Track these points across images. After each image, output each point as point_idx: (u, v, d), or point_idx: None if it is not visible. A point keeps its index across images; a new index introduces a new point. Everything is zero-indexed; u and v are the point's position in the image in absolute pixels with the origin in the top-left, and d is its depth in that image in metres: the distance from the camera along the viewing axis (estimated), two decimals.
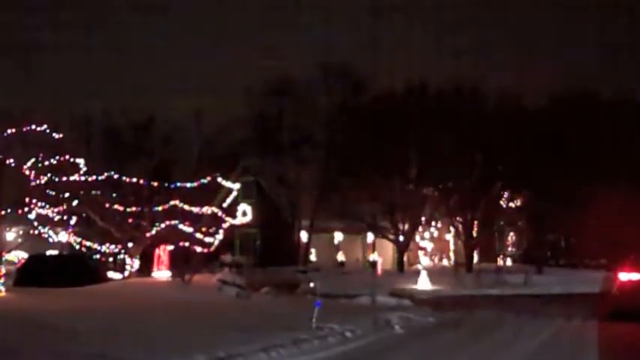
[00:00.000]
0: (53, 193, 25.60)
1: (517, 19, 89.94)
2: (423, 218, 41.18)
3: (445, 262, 45.98)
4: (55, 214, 25.40)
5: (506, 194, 41.75)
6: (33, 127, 23.76)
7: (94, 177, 27.43)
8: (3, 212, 22.87)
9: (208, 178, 30.65)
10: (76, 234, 28.73)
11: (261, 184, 40.79)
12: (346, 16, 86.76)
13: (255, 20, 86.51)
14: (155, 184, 29.63)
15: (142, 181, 28.95)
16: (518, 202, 42.56)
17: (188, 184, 30.17)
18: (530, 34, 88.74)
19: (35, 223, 24.74)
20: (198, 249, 29.19)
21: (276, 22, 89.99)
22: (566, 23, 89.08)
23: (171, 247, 29.41)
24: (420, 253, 43.99)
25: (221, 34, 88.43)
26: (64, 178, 25.87)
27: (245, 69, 74.77)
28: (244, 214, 37.76)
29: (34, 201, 23.95)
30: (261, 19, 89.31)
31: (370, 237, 41.05)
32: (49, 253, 31.62)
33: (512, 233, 46.66)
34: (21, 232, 27.76)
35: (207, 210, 31.07)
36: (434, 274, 30.61)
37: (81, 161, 26.59)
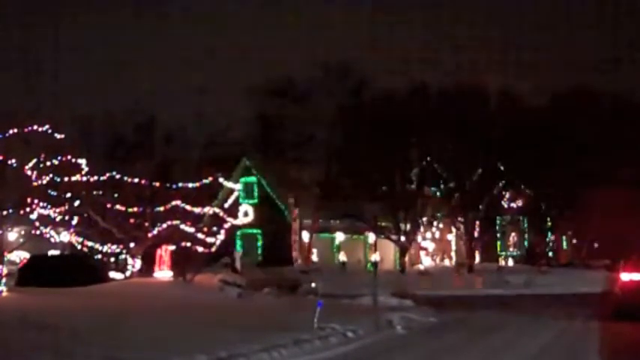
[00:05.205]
0: (55, 194, 25.56)
1: (518, 18, 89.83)
2: (424, 218, 41.16)
3: (447, 262, 45.92)
4: (56, 215, 25.37)
5: (507, 194, 41.76)
6: (35, 127, 23.73)
7: (96, 177, 27.41)
8: (5, 212, 22.85)
9: (210, 178, 30.63)
10: (78, 234, 28.72)
11: (262, 184, 40.78)
12: (347, 15, 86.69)
13: (256, 19, 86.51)
14: (157, 184, 29.62)
15: (143, 181, 28.93)
16: (520, 203, 42.55)
17: (190, 184, 30.16)
18: (532, 34, 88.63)
19: (37, 224, 24.72)
20: (200, 249, 29.18)
21: (276, 21, 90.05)
22: (567, 22, 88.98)
23: (172, 247, 29.40)
24: (422, 253, 43.91)
25: (222, 33, 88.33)
26: (66, 179, 25.83)
27: (246, 69, 74.79)
28: (246, 214, 37.78)
29: (35, 201, 23.91)
30: (262, 19, 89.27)
31: (372, 237, 41.02)
32: (50, 253, 31.64)
33: (513, 233, 46.58)
34: (23, 233, 27.74)
35: (208, 210, 31.07)
36: (435, 274, 30.63)
37: (83, 161, 26.55)
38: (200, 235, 29.45)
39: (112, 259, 31.17)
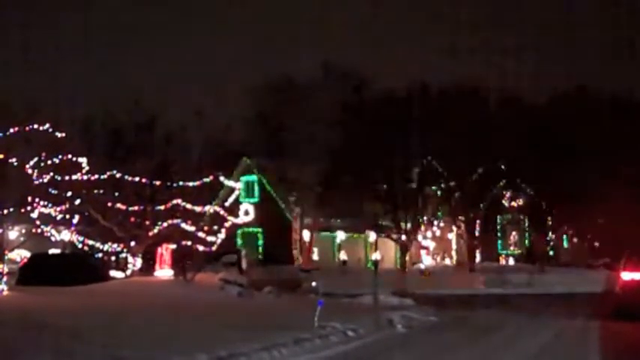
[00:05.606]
0: (56, 192, 25.60)
1: (518, 17, 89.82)
2: (425, 217, 41.16)
3: (447, 261, 45.92)
4: (57, 213, 25.40)
5: (508, 193, 41.79)
6: (36, 126, 23.75)
7: (97, 176, 27.44)
8: (6, 211, 22.87)
9: (210, 177, 30.64)
10: (79, 233, 28.76)
11: (263, 182, 40.78)
12: (348, 15, 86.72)
13: (258, 19, 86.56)
14: (157, 183, 29.64)
15: (144, 180, 28.95)
16: (521, 202, 42.57)
17: (190, 183, 30.18)
18: (532, 33, 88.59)
19: (38, 222, 24.75)
20: (201, 248, 29.20)
21: (278, 21, 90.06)
22: (568, 22, 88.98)
23: (173, 246, 29.42)
24: (423, 252, 43.91)
25: (223, 33, 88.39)
26: (67, 177, 25.87)
27: (247, 68, 74.83)
28: (246, 213, 37.81)
29: (36, 200, 23.95)
30: (263, 19, 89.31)
31: (372, 236, 41.03)
32: (51, 251, 31.65)
33: (514, 232, 46.60)
34: (24, 231, 27.76)
35: (209, 209, 31.08)
36: (436, 273, 30.64)
37: (83, 160, 26.59)
38: (201, 234, 29.49)
39: (113, 258, 31.20)
